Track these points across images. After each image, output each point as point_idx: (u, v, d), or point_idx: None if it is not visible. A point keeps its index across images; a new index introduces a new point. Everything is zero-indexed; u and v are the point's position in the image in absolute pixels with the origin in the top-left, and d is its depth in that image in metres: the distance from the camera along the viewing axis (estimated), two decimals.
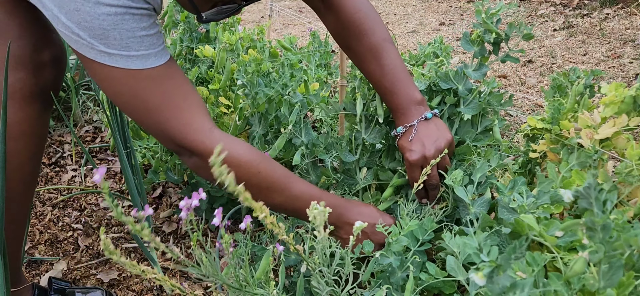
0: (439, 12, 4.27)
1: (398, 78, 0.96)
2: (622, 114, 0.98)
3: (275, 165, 0.87)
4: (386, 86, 0.97)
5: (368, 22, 0.99)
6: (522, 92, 2.46)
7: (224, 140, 0.82)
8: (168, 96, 0.79)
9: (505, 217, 0.76)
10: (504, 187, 0.81)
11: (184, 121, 0.80)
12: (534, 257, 0.51)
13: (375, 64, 0.97)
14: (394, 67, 0.96)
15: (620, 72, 2.57)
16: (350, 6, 0.99)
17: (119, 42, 0.73)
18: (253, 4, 5.38)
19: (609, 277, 0.44)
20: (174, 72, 0.81)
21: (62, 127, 2.08)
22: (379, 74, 0.97)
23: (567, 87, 1.28)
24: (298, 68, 1.47)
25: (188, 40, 1.75)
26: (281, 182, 0.84)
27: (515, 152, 1.36)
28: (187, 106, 0.80)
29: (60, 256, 1.37)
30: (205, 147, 0.80)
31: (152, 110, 0.79)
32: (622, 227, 0.58)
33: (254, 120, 1.32)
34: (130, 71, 0.76)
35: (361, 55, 0.99)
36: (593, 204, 0.43)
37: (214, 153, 0.78)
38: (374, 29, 0.98)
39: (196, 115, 0.81)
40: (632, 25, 3.23)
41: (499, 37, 0.94)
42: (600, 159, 0.96)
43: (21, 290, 1.09)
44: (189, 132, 0.80)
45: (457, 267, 0.64)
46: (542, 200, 0.74)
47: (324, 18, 1.05)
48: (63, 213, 1.56)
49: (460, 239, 0.67)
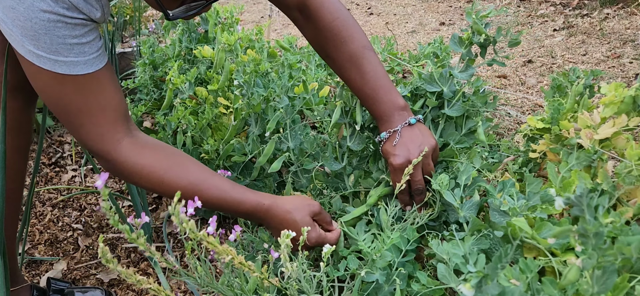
0: (439, 12, 4.27)
1: (379, 85, 0.95)
2: (621, 114, 0.98)
3: (186, 172, 0.88)
4: (368, 93, 0.96)
5: (346, 30, 0.98)
6: (522, 92, 2.45)
7: (130, 149, 0.86)
8: (87, 105, 0.83)
9: (496, 220, 0.75)
10: (493, 188, 0.81)
11: (96, 131, 0.85)
12: (527, 264, 0.51)
13: (355, 72, 0.97)
14: (375, 74, 0.96)
15: (620, 72, 2.56)
16: (328, 14, 0.99)
17: (49, 46, 0.75)
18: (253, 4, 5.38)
19: (602, 282, 0.44)
20: (100, 82, 0.83)
21: (62, 127, 2.07)
22: (360, 81, 0.97)
23: (567, 87, 1.28)
24: (297, 68, 1.47)
25: (187, 41, 1.75)
26: (189, 190, 0.86)
27: (515, 152, 1.36)
28: (102, 117, 0.84)
29: (60, 257, 1.37)
30: (111, 157, 0.86)
31: (71, 114, 0.83)
32: (621, 229, 0.58)
33: (251, 121, 1.32)
34: (56, 75, 0.78)
35: (341, 63, 0.99)
36: (585, 211, 0.43)
37: (117, 162, 0.85)
38: (352, 37, 0.98)
39: (110, 126, 0.85)
40: (632, 25, 3.22)
41: (487, 40, 0.93)
42: (599, 159, 0.96)
43: (19, 290, 1.09)
44: (98, 142, 0.85)
45: (449, 274, 0.64)
46: (533, 201, 0.74)
47: (303, 29, 1.05)
48: (63, 213, 1.56)
49: (448, 245, 0.67)
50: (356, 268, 0.82)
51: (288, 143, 1.18)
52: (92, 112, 0.83)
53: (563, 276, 0.48)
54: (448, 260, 0.66)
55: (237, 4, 1.93)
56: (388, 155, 0.93)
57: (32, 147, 1.93)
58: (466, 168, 0.86)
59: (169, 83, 1.54)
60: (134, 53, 2.45)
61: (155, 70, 1.83)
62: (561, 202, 0.46)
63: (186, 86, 1.52)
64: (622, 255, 0.44)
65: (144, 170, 0.87)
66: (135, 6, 2.66)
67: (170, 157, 0.89)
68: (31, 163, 1.81)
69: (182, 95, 1.53)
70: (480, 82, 0.97)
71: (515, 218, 0.68)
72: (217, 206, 0.89)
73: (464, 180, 0.85)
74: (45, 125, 1.26)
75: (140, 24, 2.72)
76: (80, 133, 0.85)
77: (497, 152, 1.45)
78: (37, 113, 1.93)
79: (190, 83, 1.53)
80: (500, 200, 0.75)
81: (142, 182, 0.88)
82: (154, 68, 1.83)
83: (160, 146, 0.91)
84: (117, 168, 0.87)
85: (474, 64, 0.96)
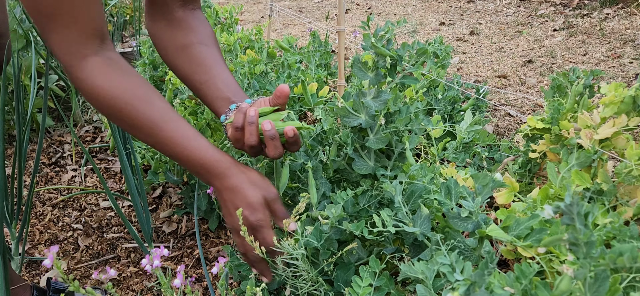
0: (439, 12, 4.27)
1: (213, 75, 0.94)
2: (621, 114, 0.98)
3: (149, 107, 0.83)
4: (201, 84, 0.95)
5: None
6: (522, 92, 2.45)
7: (95, 68, 0.81)
8: (60, 10, 0.79)
9: (462, 228, 0.70)
10: (437, 193, 0.75)
11: (64, 39, 0.80)
12: (523, 270, 0.50)
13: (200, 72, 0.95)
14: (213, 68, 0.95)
15: (620, 72, 2.57)
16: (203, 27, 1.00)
17: None
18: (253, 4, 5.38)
19: (595, 289, 0.44)
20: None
21: (62, 127, 2.08)
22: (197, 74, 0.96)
23: (567, 87, 1.28)
24: (295, 68, 1.47)
25: None
26: (146, 128, 0.81)
27: (515, 152, 1.36)
28: (74, 26, 0.80)
29: (60, 257, 1.37)
30: (73, 72, 0.81)
31: (42, 15, 0.79)
32: (619, 230, 0.58)
33: None
34: None
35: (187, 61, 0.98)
36: (575, 219, 0.43)
37: (77, 78, 0.80)
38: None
39: (79, 36, 0.80)
40: (632, 25, 3.22)
41: (393, 60, 0.83)
42: (599, 159, 0.96)
43: (17, 289, 1.09)
44: (64, 52, 0.81)
45: (429, 293, 0.61)
46: (485, 194, 0.69)
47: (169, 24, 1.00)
48: (63, 213, 1.56)
49: (422, 264, 0.63)
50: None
51: None
52: (64, 17, 0.79)
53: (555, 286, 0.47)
54: (425, 278, 0.62)
55: (237, 4, 1.93)
56: (228, 127, 0.88)
57: (32, 147, 1.93)
58: (396, 187, 0.77)
59: (169, 83, 1.54)
60: (134, 53, 2.45)
61: (155, 70, 1.83)
62: (550, 210, 0.46)
63: (186, 86, 1.52)
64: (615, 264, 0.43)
65: (102, 94, 0.81)
66: (135, 6, 2.66)
67: (137, 88, 0.83)
68: (31, 163, 1.81)
69: (182, 95, 1.53)
70: (398, 100, 0.87)
71: (490, 229, 0.65)
72: (173, 153, 0.82)
73: (398, 201, 0.77)
74: (45, 125, 1.26)
75: (140, 24, 2.72)
76: (47, 37, 0.81)
77: (497, 152, 1.45)
78: (37, 113, 1.93)
79: None
80: (455, 206, 0.71)
81: (100, 107, 0.82)
82: (154, 68, 1.83)
83: (129, 73, 0.84)
84: (78, 85, 0.82)
85: (384, 86, 0.86)
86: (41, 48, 2.04)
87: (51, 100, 2.07)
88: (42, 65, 2.05)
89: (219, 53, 0.99)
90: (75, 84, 0.83)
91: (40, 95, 1.97)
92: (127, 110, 0.81)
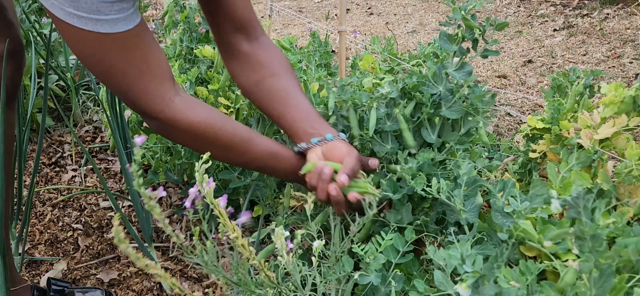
0: (439, 12, 4.27)
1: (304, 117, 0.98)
2: (621, 114, 0.98)
3: (237, 127, 0.91)
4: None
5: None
6: (522, 92, 2.45)
7: (183, 106, 0.86)
8: (133, 63, 0.82)
9: (499, 222, 0.74)
10: (494, 189, 0.80)
11: (145, 88, 0.83)
12: (528, 266, 0.50)
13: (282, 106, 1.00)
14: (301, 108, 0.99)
15: (620, 72, 2.57)
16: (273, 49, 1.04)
17: (90, 5, 0.74)
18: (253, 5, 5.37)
19: (600, 285, 0.44)
20: (142, 38, 0.82)
21: (62, 127, 2.08)
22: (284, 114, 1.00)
23: (567, 87, 1.28)
24: (297, 68, 1.47)
25: (188, 40, 1.75)
26: (240, 145, 0.89)
27: (515, 152, 1.36)
28: (150, 74, 0.83)
29: (60, 256, 1.37)
30: (165, 115, 0.85)
31: (117, 75, 0.82)
32: (622, 230, 0.58)
33: (252, 121, 1.32)
34: (98, 34, 0.77)
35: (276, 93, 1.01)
36: (581, 213, 0.43)
37: (173, 120, 0.85)
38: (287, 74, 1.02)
39: (158, 83, 0.84)
40: (632, 25, 3.23)
41: (479, 32, 0.90)
42: (600, 159, 0.96)
43: (18, 290, 1.09)
44: (149, 99, 0.84)
45: (446, 281, 0.63)
46: (536, 203, 0.74)
47: (243, 55, 1.04)
48: (63, 213, 1.56)
49: (445, 252, 0.66)
50: (351, 271, 0.81)
51: None
52: (140, 70, 0.82)
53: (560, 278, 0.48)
54: (445, 266, 0.65)
55: None
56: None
57: (31, 147, 1.93)
58: (468, 169, 0.85)
59: None
60: None
61: None
62: (557, 204, 0.46)
63: (187, 85, 1.52)
64: (620, 257, 0.44)
65: (201, 126, 0.87)
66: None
67: (220, 115, 0.91)
68: (31, 163, 1.81)
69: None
70: (474, 77, 0.95)
71: (521, 222, 0.67)
72: (264, 162, 0.92)
73: (465, 180, 0.84)
74: (44, 125, 1.26)
75: None
76: (129, 95, 0.84)
77: (497, 152, 1.45)
78: (37, 113, 1.93)
79: (191, 83, 1.53)
80: (503, 202, 0.75)
81: (197, 138, 0.88)
82: None
83: (205, 104, 0.91)
84: (172, 126, 0.87)
85: (466, 59, 0.93)
86: (41, 48, 2.04)
87: (51, 100, 2.07)
88: (42, 65, 2.05)
89: (291, 80, 1.02)
90: (166, 128, 0.88)
91: (40, 95, 1.97)
92: (222, 134, 0.89)
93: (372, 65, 1.79)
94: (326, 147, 0.92)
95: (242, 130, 0.91)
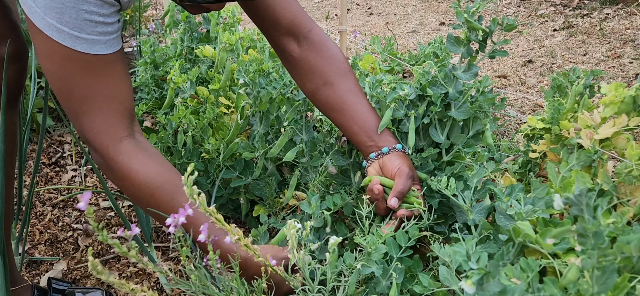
0: (439, 12, 4.27)
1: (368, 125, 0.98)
2: (622, 114, 0.98)
3: (179, 195, 0.82)
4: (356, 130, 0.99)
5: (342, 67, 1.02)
6: (522, 92, 2.46)
7: (129, 151, 0.82)
8: (96, 90, 0.79)
9: (502, 224, 0.75)
10: (501, 192, 0.81)
11: (99, 120, 0.81)
12: (529, 263, 0.51)
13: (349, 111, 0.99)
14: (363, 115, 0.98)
15: (620, 72, 2.57)
16: (332, 46, 1.03)
17: (74, 21, 0.73)
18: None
19: (602, 282, 0.44)
20: (114, 67, 0.80)
21: (62, 127, 2.08)
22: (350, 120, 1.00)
23: (567, 87, 1.28)
24: None
25: (188, 40, 1.75)
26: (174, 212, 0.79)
27: (515, 152, 1.36)
28: (109, 106, 0.81)
29: (60, 256, 1.38)
30: (108, 153, 0.82)
31: (76, 98, 0.80)
32: (622, 230, 0.58)
33: (255, 120, 1.32)
34: (72, 52, 0.75)
35: (339, 97, 1.01)
36: (584, 211, 0.43)
37: (113, 161, 0.81)
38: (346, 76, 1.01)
39: (114, 118, 0.82)
40: (632, 25, 3.23)
41: (484, 34, 0.91)
42: (600, 159, 0.96)
43: (19, 290, 1.09)
44: (99, 132, 0.81)
45: (451, 276, 0.64)
46: (538, 206, 0.74)
47: (297, 57, 1.03)
48: (63, 213, 1.56)
49: (450, 248, 0.67)
50: (353, 262, 0.81)
51: (302, 136, 1.19)
52: (100, 99, 0.80)
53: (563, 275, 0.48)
54: (450, 262, 0.66)
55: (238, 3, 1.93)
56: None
57: (31, 147, 1.93)
58: (479, 171, 0.86)
59: (170, 82, 1.54)
60: (134, 53, 2.45)
61: (156, 70, 1.83)
62: (560, 201, 0.46)
63: (187, 85, 1.53)
64: (622, 254, 0.44)
65: (138, 176, 0.82)
66: (135, 6, 2.66)
67: (169, 174, 0.84)
68: (31, 163, 1.81)
69: (183, 94, 1.54)
70: (488, 82, 0.96)
71: (520, 222, 0.68)
72: (193, 228, 0.78)
73: (475, 183, 0.85)
74: (45, 125, 1.26)
75: (141, 24, 2.72)
76: (80, 120, 0.81)
77: (497, 152, 1.45)
78: (37, 113, 1.93)
79: (192, 83, 1.53)
80: (507, 204, 0.76)
81: (133, 189, 0.83)
82: (155, 67, 1.83)
83: (160, 159, 0.86)
84: (111, 167, 0.83)
85: (475, 60, 0.94)
86: None
87: (51, 100, 2.07)
88: None
89: (345, 85, 1.00)
90: (107, 167, 0.84)
91: (41, 95, 1.97)
92: (158, 194, 0.83)
93: (372, 65, 1.79)
94: (382, 161, 0.93)
95: (184, 200, 0.74)
